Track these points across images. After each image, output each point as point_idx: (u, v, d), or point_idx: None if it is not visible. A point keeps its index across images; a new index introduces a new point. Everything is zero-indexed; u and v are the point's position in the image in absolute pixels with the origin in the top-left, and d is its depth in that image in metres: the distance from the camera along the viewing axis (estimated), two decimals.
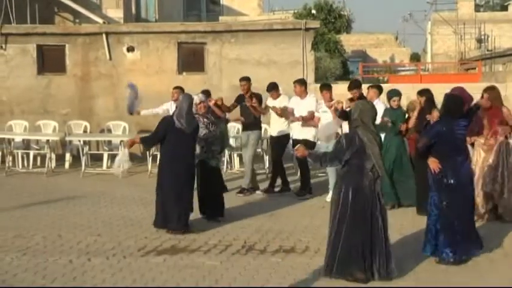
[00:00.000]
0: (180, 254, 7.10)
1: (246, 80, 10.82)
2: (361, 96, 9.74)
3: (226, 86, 14.11)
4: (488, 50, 41.14)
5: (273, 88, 10.81)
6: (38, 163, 13.39)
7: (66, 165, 13.36)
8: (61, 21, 20.98)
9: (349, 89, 10.08)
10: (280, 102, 10.69)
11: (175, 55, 15.00)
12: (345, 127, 9.11)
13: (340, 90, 11.66)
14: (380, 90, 10.34)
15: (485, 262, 6.88)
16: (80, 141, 13.18)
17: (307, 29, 14.85)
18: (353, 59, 41.73)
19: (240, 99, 10.85)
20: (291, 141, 10.70)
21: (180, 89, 11.37)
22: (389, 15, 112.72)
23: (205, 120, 8.76)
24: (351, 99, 9.57)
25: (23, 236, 7.82)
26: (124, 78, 14.40)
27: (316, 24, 16.20)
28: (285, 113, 10.59)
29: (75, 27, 18.30)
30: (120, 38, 15.09)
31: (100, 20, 18.75)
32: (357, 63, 38.66)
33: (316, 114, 10.33)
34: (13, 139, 13.35)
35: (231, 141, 12.37)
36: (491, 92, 8.67)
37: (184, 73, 14.85)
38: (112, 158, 13.00)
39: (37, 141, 13.66)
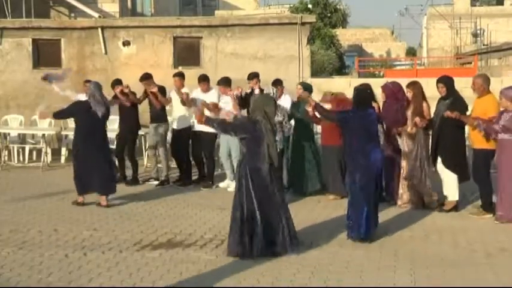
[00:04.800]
0: (176, 249, 7.11)
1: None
2: (261, 89, 10.08)
3: None
4: (484, 45, 41.16)
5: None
6: (34, 157, 13.38)
7: (62, 159, 13.34)
8: (56, 15, 20.97)
9: (248, 79, 10.40)
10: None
11: (171, 49, 15.00)
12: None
13: (336, 84, 11.68)
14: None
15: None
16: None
17: (303, 24, 14.85)
18: (349, 53, 41.75)
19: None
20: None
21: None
22: (385, 9, 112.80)
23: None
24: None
25: (19, 231, 7.82)
26: (120, 73, 14.36)
27: (312, 18, 16.20)
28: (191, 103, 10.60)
29: (71, 22, 18.28)
30: (115, 32, 15.07)
31: (96, 14, 18.75)
32: (352, 57, 38.69)
33: (220, 104, 10.51)
34: (9, 133, 13.33)
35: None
36: (414, 86, 9.04)
37: (180, 67, 14.82)
38: None
39: (33, 136, 13.64)
